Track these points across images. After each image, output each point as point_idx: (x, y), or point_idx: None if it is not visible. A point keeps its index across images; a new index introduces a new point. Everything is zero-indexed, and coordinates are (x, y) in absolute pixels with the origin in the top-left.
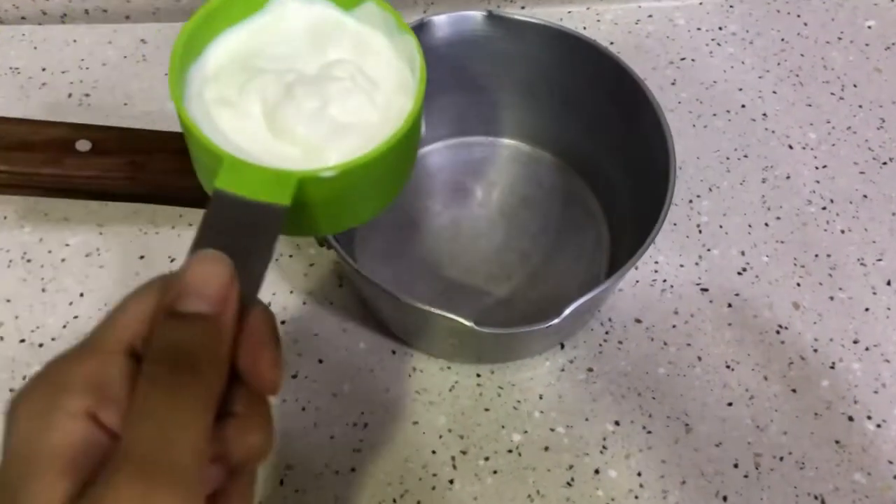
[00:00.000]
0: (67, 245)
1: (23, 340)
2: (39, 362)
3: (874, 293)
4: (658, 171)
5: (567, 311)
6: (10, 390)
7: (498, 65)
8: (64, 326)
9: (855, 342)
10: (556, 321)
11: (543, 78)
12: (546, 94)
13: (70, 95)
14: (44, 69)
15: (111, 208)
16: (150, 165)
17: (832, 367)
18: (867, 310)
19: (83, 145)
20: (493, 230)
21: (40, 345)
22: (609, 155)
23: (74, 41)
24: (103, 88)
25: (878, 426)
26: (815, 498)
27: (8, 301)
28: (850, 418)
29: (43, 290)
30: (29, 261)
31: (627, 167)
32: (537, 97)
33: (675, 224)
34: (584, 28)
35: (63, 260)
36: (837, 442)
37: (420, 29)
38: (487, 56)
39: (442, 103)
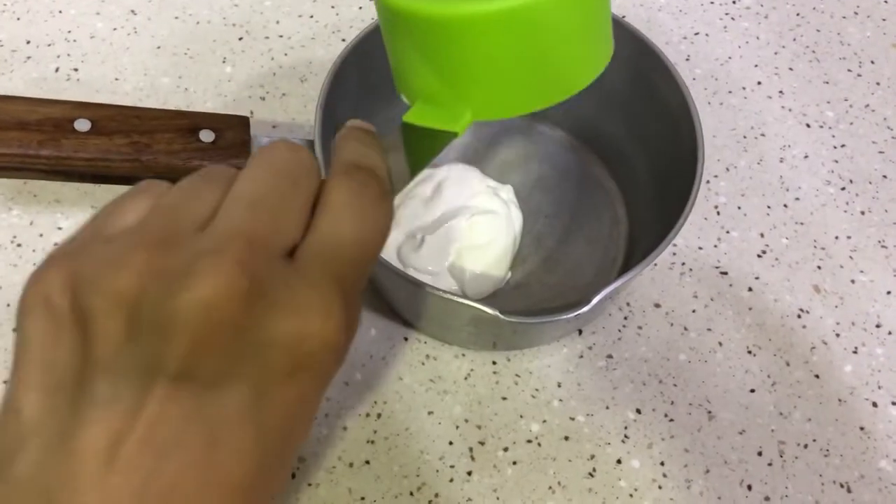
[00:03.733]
0: (60, 228)
1: (16, 330)
2: None
3: None
4: (681, 149)
5: (596, 300)
6: (4, 382)
7: None
8: None
9: (878, 326)
10: (585, 309)
11: None
12: None
13: (57, 70)
14: (28, 42)
15: (105, 189)
16: (153, 146)
17: (855, 352)
18: (889, 293)
19: (82, 125)
20: None
21: None
22: (627, 133)
23: (60, 12)
24: (92, 62)
25: None
26: (841, 486)
27: None
28: (875, 404)
29: None
30: (19, 245)
31: (647, 146)
32: None
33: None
34: None
35: (56, 244)
36: (862, 428)
37: None
38: None
39: None
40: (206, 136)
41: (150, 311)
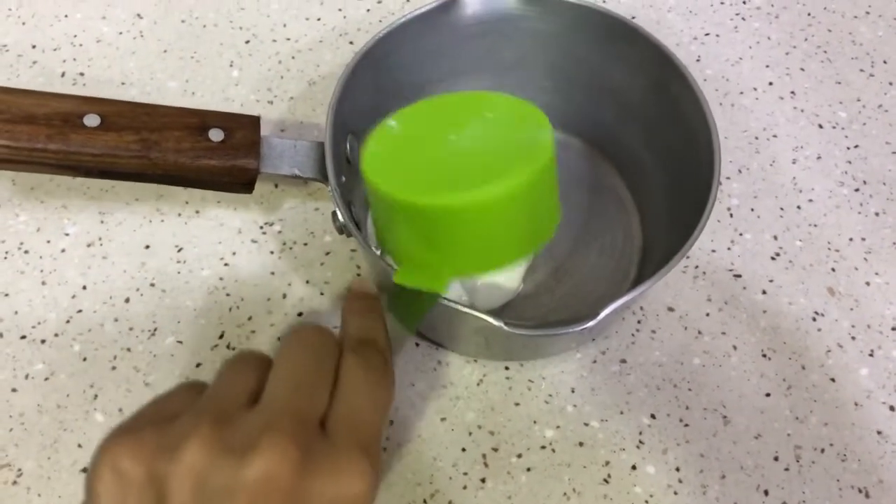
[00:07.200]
0: (67, 234)
1: (24, 337)
2: (43, 360)
3: None
4: (696, 158)
5: (603, 314)
6: (13, 390)
7: (529, 45)
8: (67, 321)
9: (893, 329)
10: (591, 324)
11: (576, 59)
12: (578, 77)
13: (63, 74)
14: (34, 46)
15: (112, 195)
16: (162, 144)
17: (871, 355)
18: None
19: (91, 120)
20: None
21: (42, 341)
22: (643, 141)
23: (66, 16)
24: (98, 67)
25: None
26: (860, 491)
27: (6, 295)
28: (892, 408)
29: (43, 283)
30: (26, 252)
31: (662, 154)
32: (568, 79)
33: None
34: (604, 1)
35: (63, 250)
36: (879, 433)
37: (449, 6)
38: (518, 36)
39: (469, 85)
40: (216, 135)
41: (219, 478)
